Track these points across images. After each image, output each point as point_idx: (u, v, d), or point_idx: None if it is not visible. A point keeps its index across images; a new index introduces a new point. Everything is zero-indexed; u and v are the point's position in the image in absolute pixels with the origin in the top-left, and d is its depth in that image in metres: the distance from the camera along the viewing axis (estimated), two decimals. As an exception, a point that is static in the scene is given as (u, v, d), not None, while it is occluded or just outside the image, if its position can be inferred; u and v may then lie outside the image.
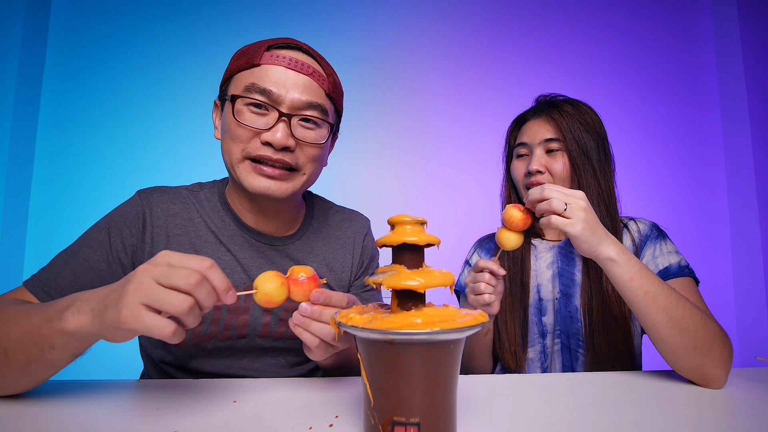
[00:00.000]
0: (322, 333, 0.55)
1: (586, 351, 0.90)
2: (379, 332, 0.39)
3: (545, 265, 0.98)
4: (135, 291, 0.44)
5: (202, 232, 0.77)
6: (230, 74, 0.74)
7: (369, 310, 0.46)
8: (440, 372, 0.41)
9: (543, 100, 1.02)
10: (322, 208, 0.91)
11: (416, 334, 0.38)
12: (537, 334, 0.95)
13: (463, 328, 0.39)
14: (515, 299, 0.97)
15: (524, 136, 0.98)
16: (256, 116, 0.70)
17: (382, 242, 0.44)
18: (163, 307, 0.44)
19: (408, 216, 0.44)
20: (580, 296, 0.93)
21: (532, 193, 0.73)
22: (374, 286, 0.44)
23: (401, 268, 0.43)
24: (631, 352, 0.90)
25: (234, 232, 0.79)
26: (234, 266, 0.77)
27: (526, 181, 0.96)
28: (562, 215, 0.70)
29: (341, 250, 0.88)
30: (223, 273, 0.48)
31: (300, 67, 0.71)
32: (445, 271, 0.44)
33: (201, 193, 0.82)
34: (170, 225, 0.76)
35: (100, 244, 0.71)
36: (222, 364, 0.76)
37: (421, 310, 0.42)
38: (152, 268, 0.46)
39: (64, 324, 0.48)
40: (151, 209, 0.76)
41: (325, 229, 0.89)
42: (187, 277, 0.45)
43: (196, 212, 0.79)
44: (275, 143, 0.69)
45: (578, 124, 0.93)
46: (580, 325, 0.92)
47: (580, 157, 0.92)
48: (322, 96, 0.73)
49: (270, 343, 0.78)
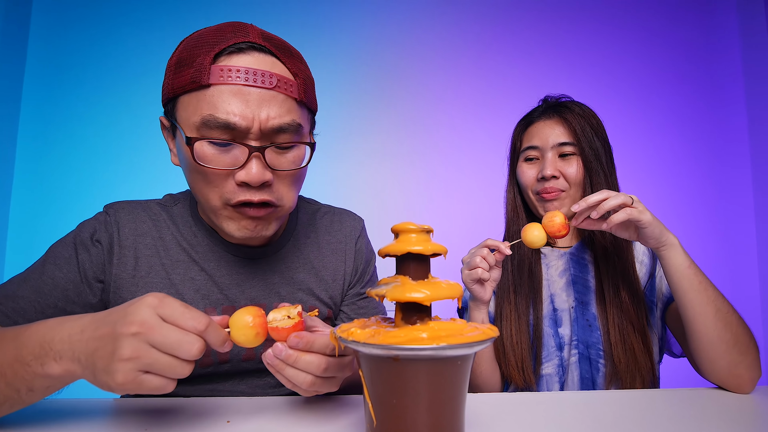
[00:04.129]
0: (298, 379, 0.53)
1: (607, 360, 0.90)
2: (382, 347, 0.39)
3: (557, 274, 0.98)
4: (131, 359, 0.45)
5: (173, 251, 0.75)
6: (173, 93, 0.64)
7: (371, 324, 0.46)
8: (447, 390, 0.41)
9: (551, 101, 1.03)
10: (308, 211, 0.88)
11: (422, 349, 0.38)
12: (554, 347, 0.95)
13: (472, 343, 0.39)
14: (521, 312, 0.96)
15: (534, 138, 0.98)
16: (220, 152, 0.63)
17: (385, 252, 0.44)
18: (165, 374, 0.46)
19: (413, 224, 0.44)
20: (597, 303, 0.93)
21: (592, 196, 0.77)
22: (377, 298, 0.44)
23: (406, 279, 0.43)
24: (650, 366, 0.90)
25: (208, 248, 0.76)
26: (209, 286, 0.75)
27: (537, 186, 0.96)
28: (633, 206, 0.76)
29: (332, 257, 0.85)
30: (218, 327, 0.49)
31: (261, 79, 0.62)
32: (453, 283, 0.44)
33: (174, 208, 0.79)
34: (139, 245, 0.74)
35: (67, 261, 0.70)
36: (204, 389, 0.75)
37: (427, 324, 0.42)
38: (146, 331, 0.45)
39: (48, 370, 0.48)
40: (119, 228, 0.74)
41: (313, 233, 0.86)
42: (189, 349, 0.46)
43: (167, 229, 0.76)
44: (252, 182, 0.63)
45: (589, 127, 0.94)
46: (599, 333, 0.92)
47: (594, 161, 0.93)
48: (293, 110, 0.65)
49: (256, 365, 0.77)
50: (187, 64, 0.63)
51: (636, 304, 0.90)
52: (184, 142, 0.63)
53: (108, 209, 0.76)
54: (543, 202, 0.96)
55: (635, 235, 0.80)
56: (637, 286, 0.91)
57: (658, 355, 0.94)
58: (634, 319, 0.89)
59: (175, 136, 0.68)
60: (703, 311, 0.74)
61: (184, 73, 0.63)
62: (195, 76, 0.61)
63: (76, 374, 0.49)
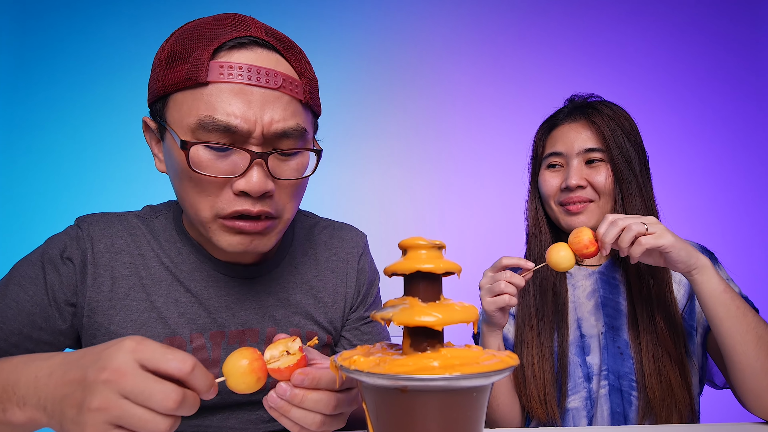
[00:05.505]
0: (306, 421, 0.52)
1: (640, 392, 0.89)
2: (388, 377, 0.39)
3: (585, 295, 0.98)
4: (101, 410, 0.44)
5: (155, 270, 0.74)
6: (164, 90, 0.63)
7: (376, 351, 0.46)
8: (461, 425, 0.40)
9: (578, 101, 1.03)
10: (305, 225, 0.88)
11: (433, 379, 0.38)
12: (581, 378, 0.94)
13: (489, 373, 0.39)
14: (544, 338, 0.96)
15: (558, 143, 0.98)
16: (217, 158, 0.62)
17: (392, 270, 0.44)
18: (137, 429, 0.44)
19: (423, 239, 0.44)
20: (629, 328, 0.92)
21: (606, 233, 0.80)
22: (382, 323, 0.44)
23: (415, 301, 0.43)
24: (689, 398, 0.88)
25: (194, 267, 0.75)
26: (195, 310, 0.74)
27: (561, 197, 0.96)
28: (648, 233, 0.77)
29: (332, 276, 0.85)
30: (205, 370, 0.48)
31: (265, 78, 0.62)
32: (467, 305, 0.44)
33: (155, 221, 0.78)
34: (116, 264, 0.73)
35: (33, 281, 0.69)
36: (189, 424, 0.74)
37: (439, 352, 0.42)
38: (118, 379, 0.44)
39: (10, 416, 0.49)
40: (92, 243, 0.72)
41: (311, 250, 0.86)
42: (166, 399, 0.44)
43: (148, 245, 0.75)
44: (252, 192, 0.62)
45: (620, 131, 0.94)
46: (632, 362, 0.91)
47: (625, 169, 0.93)
48: (298, 113, 0.65)
49: (248, 397, 0.76)
50: (182, 59, 0.62)
51: (673, 329, 0.89)
52: (177, 146, 0.62)
53: (80, 222, 0.75)
54: (567, 215, 0.96)
55: (661, 260, 0.80)
56: (674, 309, 0.91)
57: (698, 386, 0.92)
58: (671, 347, 0.88)
59: (163, 139, 0.67)
60: (743, 340, 0.74)
61: (177, 69, 0.62)
62: (191, 72, 0.60)
63: (41, 423, 0.48)
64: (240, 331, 0.76)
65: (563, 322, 0.96)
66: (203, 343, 0.73)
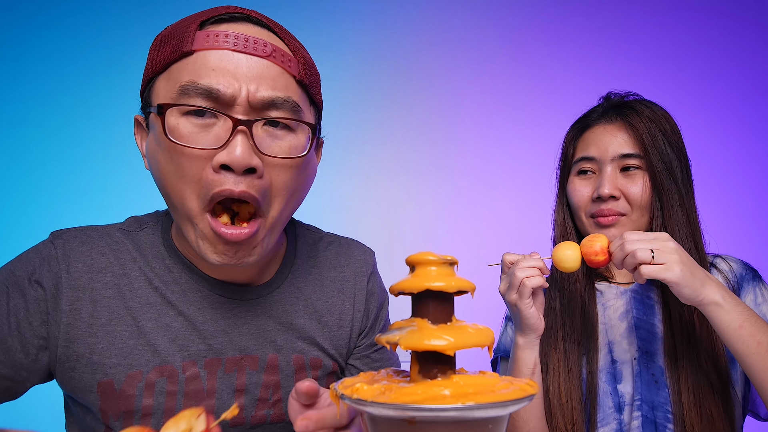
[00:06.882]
0: None
1: (677, 426, 0.88)
2: (394, 407, 0.39)
3: (617, 317, 0.97)
4: None
5: (141, 291, 0.72)
6: (153, 73, 0.66)
7: (381, 379, 0.46)
8: (476, 461, 0.40)
9: (614, 99, 1.02)
10: (308, 241, 0.88)
11: (444, 409, 0.38)
12: (612, 408, 0.93)
13: (505, 402, 0.39)
14: (572, 363, 0.95)
15: (590, 147, 0.97)
16: (199, 130, 0.62)
17: (398, 289, 0.45)
18: None
19: (433, 254, 0.44)
20: (665, 354, 0.92)
21: (614, 254, 0.80)
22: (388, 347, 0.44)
23: (424, 322, 0.43)
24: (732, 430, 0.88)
25: (187, 287, 0.74)
26: (188, 335, 0.73)
27: (593, 208, 0.95)
28: (652, 263, 0.76)
29: (338, 298, 0.85)
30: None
31: (253, 46, 0.63)
32: (482, 327, 0.44)
33: (140, 234, 0.77)
34: (96, 285, 0.70)
35: None
36: None
37: (450, 379, 0.42)
38: None
39: None
40: (68, 264, 0.70)
41: (315, 269, 0.85)
42: None
43: (133, 262, 0.73)
44: (234, 164, 0.60)
45: (660, 135, 0.93)
46: (668, 391, 0.90)
47: (666, 178, 0.92)
48: (290, 85, 0.66)
49: (246, 431, 0.76)
50: (171, 38, 0.64)
51: (715, 356, 0.88)
52: (158, 125, 0.62)
53: (55, 239, 0.73)
54: (598, 228, 0.95)
55: None
56: (715, 333, 0.90)
57: (741, 418, 0.92)
58: (713, 376, 0.87)
59: (149, 126, 0.68)
60: None
61: (165, 48, 0.65)
62: (177, 45, 0.63)
63: None
64: (238, 358, 0.75)
65: (592, 346, 0.96)
66: (197, 372, 0.72)
